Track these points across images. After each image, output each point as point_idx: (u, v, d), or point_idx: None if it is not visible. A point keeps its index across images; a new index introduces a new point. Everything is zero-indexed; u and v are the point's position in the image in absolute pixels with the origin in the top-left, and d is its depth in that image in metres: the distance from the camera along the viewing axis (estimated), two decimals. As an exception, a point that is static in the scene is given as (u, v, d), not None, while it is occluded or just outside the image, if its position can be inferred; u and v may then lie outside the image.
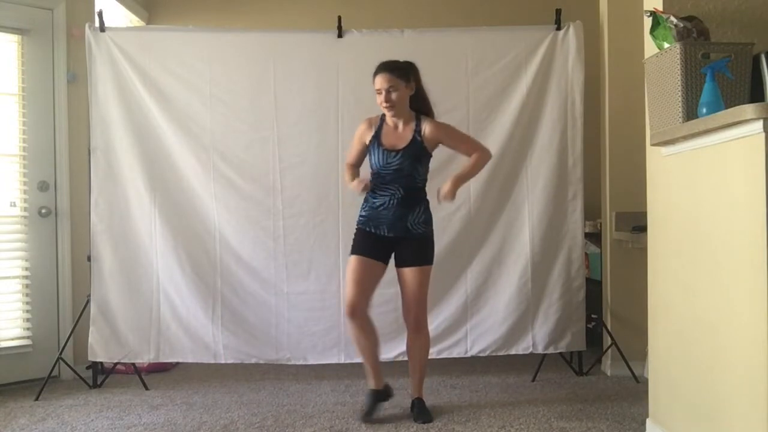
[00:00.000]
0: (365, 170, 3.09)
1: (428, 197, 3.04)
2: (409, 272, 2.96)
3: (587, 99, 3.68)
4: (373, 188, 2.99)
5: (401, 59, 3.02)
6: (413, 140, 2.95)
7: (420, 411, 3.00)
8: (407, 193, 2.95)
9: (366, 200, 3.03)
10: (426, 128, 2.96)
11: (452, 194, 2.91)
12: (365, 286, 2.98)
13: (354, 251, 3.00)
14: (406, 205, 2.95)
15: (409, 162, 2.93)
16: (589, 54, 3.66)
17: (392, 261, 3.05)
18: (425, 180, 3.03)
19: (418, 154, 2.95)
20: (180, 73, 3.61)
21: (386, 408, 3.11)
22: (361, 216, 3.04)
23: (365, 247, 2.99)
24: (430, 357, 3.61)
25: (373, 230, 2.99)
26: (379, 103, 2.97)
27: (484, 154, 3.03)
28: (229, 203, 3.62)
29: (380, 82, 2.93)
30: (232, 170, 3.61)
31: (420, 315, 3.01)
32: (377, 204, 2.98)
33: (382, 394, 3.07)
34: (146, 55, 3.59)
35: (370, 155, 3.03)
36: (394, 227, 2.95)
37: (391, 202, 2.94)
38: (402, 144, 2.96)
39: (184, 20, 4.48)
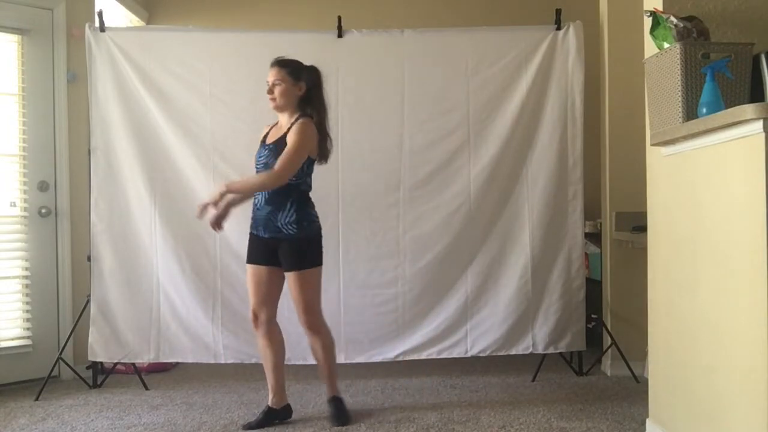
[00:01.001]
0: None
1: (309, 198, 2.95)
2: (288, 277, 2.89)
3: (587, 99, 3.68)
4: None
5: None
6: (281, 137, 2.88)
7: (336, 411, 2.97)
8: (274, 189, 2.85)
9: None
10: (293, 127, 2.86)
11: (218, 196, 2.78)
12: (263, 294, 2.93)
13: (246, 259, 2.98)
14: (273, 202, 2.85)
15: (273, 158, 2.84)
16: (589, 54, 3.66)
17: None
18: (296, 178, 2.85)
19: (281, 149, 2.84)
20: (180, 73, 3.61)
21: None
22: (251, 219, 2.98)
23: (253, 253, 2.95)
24: (430, 357, 3.63)
25: (255, 232, 2.94)
26: None
27: (270, 178, 2.80)
28: (229, 203, 3.62)
29: (269, 74, 2.90)
30: (232, 170, 3.60)
31: (310, 320, 2.93)
32: (255, 202, 2.93)
33: (277, 414, 2.98)
34: (146, 55, 3.59)
35: None
36: (267, 228, 2.87)
37: (261, 198, 2.88)
38: (273, 140, 2.91)
39: (184, 20, 4.48)
